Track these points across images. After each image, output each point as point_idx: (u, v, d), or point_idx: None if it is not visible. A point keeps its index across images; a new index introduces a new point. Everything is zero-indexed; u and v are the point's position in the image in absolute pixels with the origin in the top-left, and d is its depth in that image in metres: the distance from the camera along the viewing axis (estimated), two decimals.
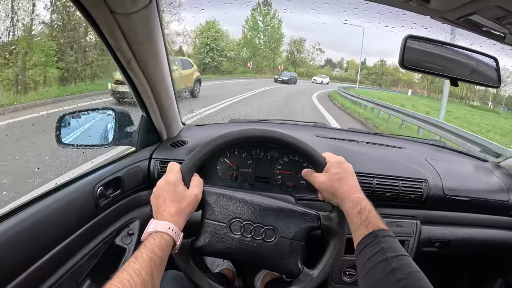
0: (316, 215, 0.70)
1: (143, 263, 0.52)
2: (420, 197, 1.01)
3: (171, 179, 0.65)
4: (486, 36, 0.82)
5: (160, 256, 0.55)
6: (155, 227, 0.59)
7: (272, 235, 0.68)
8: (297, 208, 0.71)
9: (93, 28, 0.66)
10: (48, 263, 0.68)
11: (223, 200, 0.70)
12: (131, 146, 1.03)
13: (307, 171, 0.73)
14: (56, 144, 0.96)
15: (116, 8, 0.62)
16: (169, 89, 0.93)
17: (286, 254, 0.68)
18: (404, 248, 1.02)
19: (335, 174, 0.68)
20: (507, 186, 1.09)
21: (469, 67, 0.87)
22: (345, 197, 0.65)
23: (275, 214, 0.69)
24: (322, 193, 0.70)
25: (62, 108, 3.76)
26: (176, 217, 0.61)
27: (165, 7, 1.78)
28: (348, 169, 0.70)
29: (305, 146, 0.72)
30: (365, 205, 0.63)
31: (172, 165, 0.68)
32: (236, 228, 0.68)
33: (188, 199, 0.64)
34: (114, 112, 1.00)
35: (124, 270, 0.51)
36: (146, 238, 0.58)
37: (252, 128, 0.72)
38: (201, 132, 1.15)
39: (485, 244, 1.10)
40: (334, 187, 0.67)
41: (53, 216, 0.71)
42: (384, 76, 39.88)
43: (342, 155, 1.03)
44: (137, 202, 0.98)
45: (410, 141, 1.32)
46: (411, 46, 0.76)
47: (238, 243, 0.67)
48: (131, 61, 0.75)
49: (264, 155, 1.05)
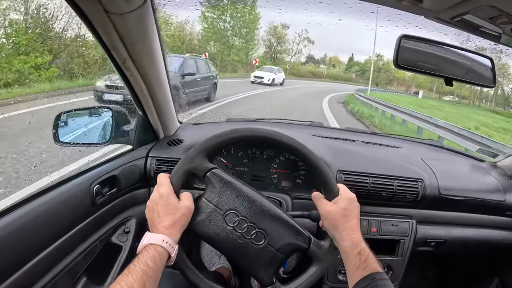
0: (309, 238, 0.70)
1: (136, 275, 0.53)
2: (415, 196, 1.01)
3: (163, 192, 0.65)
4: (482, 36, 0.82)
5: (153, 269, 0.56)
6: (149, 240, 0.60)
7: (261, 239, 0.67)
8: (295, 224, 0.70)
9: (87, 27, 0.66)
10: (43, 260, 0.69)
11: (228, 188, 0.69)
12: (128, 144, 1.04)
13: (318, 194, 0.73)
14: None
15: (110, 8, 0.63)
16: (165, 88, 0.93)
17: (266, 263, 0.68)
18: (399, 247, 1.03)
19: (343, 209, 0.67)
20: (503, 186, 1.09)
21: (464, 67, 0.87)
22: (345, 235, 0.65)
23: (272, 220, 0.69)
24: (324, 221, 0.69)
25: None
26: (171, 229, 0.62)
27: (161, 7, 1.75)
28: (356, 208, 0.70)
29: (324, 169, 0.71)
30: (364, 247, 0.64)
31: (161, 178, 0.68)
32: (231, 220, 0.67)
33: (181, 210, 0.64)
34: (111, 110, 1.00)
35: (117, 283, 0.52)
36: (140, 251, 0.59)
37: (283, 135, 0.72)
38: (198, 131, 1.15)
39: (481, 244, 1.11)
40: (338, 221, 0.66)
41: (49, 214, 0.72)
42: (381, 74, 36.82)
43: (339, 155, 1.04)
44: (134, 201, 0.99)
45: (406, 141, 1.32)
46: (405, 46, 0.76)
47: (227, 234, 0.67)
48: (126, 60, 0.76)
49: (260, 154, 1.05)
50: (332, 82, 31.26)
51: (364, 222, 1.00)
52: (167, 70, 0.91)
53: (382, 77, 36.78)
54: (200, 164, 0.70)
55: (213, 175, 0.70)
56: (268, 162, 1.05)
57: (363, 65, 38.88)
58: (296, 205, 0.99)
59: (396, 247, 1.04)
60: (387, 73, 36.52)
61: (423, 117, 7.12)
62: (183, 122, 1.17)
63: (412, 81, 36.46)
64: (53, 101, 4.07)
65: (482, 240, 1.10)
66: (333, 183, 0.71)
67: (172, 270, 0.85)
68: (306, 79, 29.20)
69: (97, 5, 0.61)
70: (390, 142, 1.24)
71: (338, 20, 4.81)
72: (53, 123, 0.96)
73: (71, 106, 1.00)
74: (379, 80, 35.82)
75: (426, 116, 7.11)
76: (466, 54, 0.86)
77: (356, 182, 0.98)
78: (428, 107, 15.90)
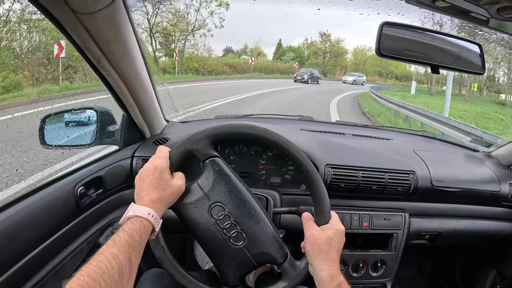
0: (286, 255, 0.69)
1: (121, 247, 0.52)
2: (407, 189, 0.99)
3: (158, 165, 0.64)
4: (469, 20, 0.79)
5: (138, 241, 0.55)
6: (134, 212, 0.58)
7: (239, 240, 0.66)
8: (279, 237, 0.69)
9: (57, 27, 0.65)
10: (29, 264, 0.69)
11: (224, 180, 0.68)
12: (114, 145, 1.04)
13: (308, 216, 0.71)
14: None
15: (77, 8, 0.61)
16: (147, 86, 0.92)
17: (237, 264, 0.67)
18: (392, 241, 1.02)
19: (329, 238, 0.65)
20: (498, 176, 1.06)
21: (453, 54, 0.84)
22: (325, 264, 0.63)
23: (256, 226, 0.67)
24: (306, 244, 0.67)
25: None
26: (158, 204, 0.61)
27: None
28: (341, 242, 0.67)
29: (323, 193, 0.69)
30: (343, 280, 0.62)
31: (162, 150, 0.67)
32: (216, 213, 0.66)
33: (172, 188, 0.63)
34: (96, 111, 1.00)
35: (101, 254, 0.50)
36: (124, 222, 0.57)
37: (289, 141, 0.70)
38: (185, 128, 1.14)
39: (477, 235, 1.08)
40: (321, 248, 0.64)
41: (32, 218, 0.72)
42: (332, 59, 27.95)
43: (328, 149, 1.02)
44: (121, 201, 0.98)
45: (399, 133, 1.29)
46: (387, 34, 0.74)
47: (208, 226, 0.66)
48: (101, 59, 0.74)
49: (247, 150, 1.04)
50: (261, 78, 20.48)
51: (355, 217, 0.98)
52: (148, 67, 0.90)
53: (330, 64, 28.27)
54: (203, 148, 0.69)
55: (213, 163, 0.69)
56: (255, 158, 1.03)
57: (298, 50, 29.24)
58: (285, 200, 0.97)
59: (389, 241, 1.02)
60: (338, 58, 28.43)
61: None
62: (170, 120, 1.16)
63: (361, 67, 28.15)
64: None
65: (478, 231, 1.08)
66: (328, 209, 0.69)
67: (158, 269, 0.85)
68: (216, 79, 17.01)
69: (63, 6, 0.60)
70: (382, 134, 1.21)
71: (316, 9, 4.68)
72: (39, 126, 0.96)
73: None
74: (327, 69, 27.91)
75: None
76: (454, 41, 0.83)
77: (345, 176, 0.96)
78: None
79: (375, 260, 1.02)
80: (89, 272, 0.47)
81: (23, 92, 4.88)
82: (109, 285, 0.47)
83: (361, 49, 29.44)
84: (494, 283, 1.22)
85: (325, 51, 28.66)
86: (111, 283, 0.48)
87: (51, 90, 5.52)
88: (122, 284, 0.50)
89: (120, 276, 0.50)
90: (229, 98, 8.93)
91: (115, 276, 0.49)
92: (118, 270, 0.49)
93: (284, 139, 0.71)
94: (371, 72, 28.00)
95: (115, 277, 0.49)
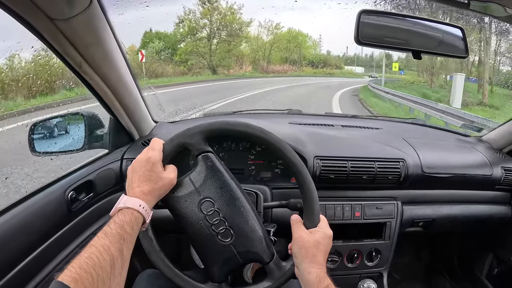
0: (272, 254, 0.69)
1: (112, 238, 0.52)
2: (398, 177, 0.99)
3: (151, 157, 0.63)
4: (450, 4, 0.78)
5: (129, 233, 0.55)
6: (125, 203, 0.58)
7: (227, 237, 0.66)
8: (266, 236, 0.69)
9: (34, 35, 0.65)
10: (22, 271, 0.69)
11: (215, 176, 0.68)
12: (104, 148, 1.04)
13: (297, 218, 0.70)
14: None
15: (53, 15, 0.61)
16: (131, 88, 0.92)
17: (223, 260, 0.67)
18: (386, 230, 1.02)
19: (316, 242, 0.65)
20: (490, 160, 1.06)
21: (436, 39, 0.84)
22: (312, 267, 0.63)
23: (245, 224, 0.67)
24: (294, 246, 0.67)
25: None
26: (149, 196, 0.61)
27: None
28: (328, 246, 0.67)
29: (314, 196, 0.69)
30: (330, 283, 0.62)
31: (155, 142, 0.67)
32: (205, 208, 0.66)
33: (163, 181, 0.63)
34: (83, 116, 1.00)
35: (93, 246, 0.50)
36: (115, 214, 0.57)
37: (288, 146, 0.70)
38: (173, 128, 1.14)
39: (471, 220, 1.08)
40: (308, 251, 0.64)
41: (24, 225, 0.72)
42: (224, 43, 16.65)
43: (316, 141, 1.02)
44: (112, 204, 0.97)
45: (388, 121, 1.29)
46: (366, 21, 0.73)
47: (197, 220, 0.66)
48: (82, 64, 0.74)
49: (236, 146, 1.04)
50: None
51: (347, 207, 0.99)
52: (131, 69, 0.90)
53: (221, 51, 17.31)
54: (197, 142, 0.69)
55: (206, 159, 0.68)
56: (244, 154, 1.04)
57: (171, 37, 17.52)
58: (276, 194, 0.98)
59: (383, 230, 1.02)
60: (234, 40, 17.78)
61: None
62: (159, 121, 1.16)
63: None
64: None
65: (472, 216, 1.08)
66: (317, 213, 0.69)
67: (153, 270, 0.85)
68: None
69: (39, 13, 0.60)
70: (371, 124, 1.21)
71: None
72: (28, 133, 0.96)
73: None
74: (217, 60, 17.09)
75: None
76: (435, 26, 0.82)
77: (334, 167, 0.96)
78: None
79: (370, 250, 1.02)
80: (80, 264, 0.47)
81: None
82: (101, 276, 0.47)
83: (266, 26, 19.01)
84: (491, 267, 1.22)
85: (211, 28, 15.74)
86: (103, 274, 0.48)
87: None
88: (114, 275, 0.50)
89: (112, 267, 0.50)
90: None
91: (107, 268, 0.49)
92: (110, 262, 0.49)
93: (279, 139, 0.70)
94: (277, 59, 19.08)
95: (107, 268, 0.49)
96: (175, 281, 0.67)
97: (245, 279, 1.01)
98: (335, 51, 23.15)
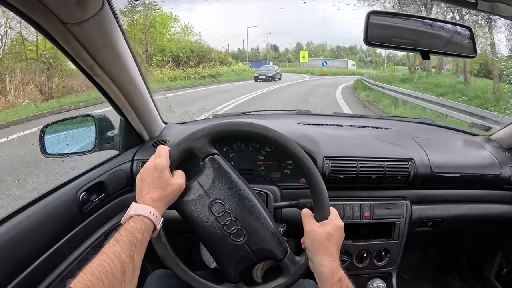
0: (286, 250, 0.69)
1: (123, 245, 0.53)
2: (407, 177, 0.99)
3: (158, 164, 0.64)
4: (458, 4, 0.78)
5: (140, 240, 0.56)
6: (135, 211, 0.59)
7: (240, 236, 0.67)
8: (278, 233, 0.70)
9: (47, 38, 0.66)
10: (34, 272, 0.70)
11: (223, 178, 0.68)
12: (114, 150, 1.05)
13: (307, 212, 0.71)
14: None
15: (66, 19, 0.62)
16: (142, 90, 0.93)
17: (237, 260, 0.67)
18: (395, 230, 1.02)
19: (328, 234, 0.65)
20: (499, 159, 1.05)
21: (444, 38, 0.84)
22: (325, 259, 0.63)
23: (256, 222, 0.68)
24: (306, 239, 0.68)
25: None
26: (158, 203, 0.62)
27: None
28: (340, 237, 0.68)
29: (322, 188, 0.69)
30: (344, 275, 0.62)
31: (161, 149, 0.68)
32: (216, 209, 0.67)
33: (172, 187, 0.64)
34: (94, 118, 1.01)
35: (104, 253, 0.51)
36: (126, 221, 0.58)
37: (297, 146, 0.70)
38: (183, 129, 1.15)
39: (480, 220, 1.08)
40: (320, 243, 0.65)
41: (36, 226, 0.73)
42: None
43: (325, 141, 1.02)
44: (123, 205, 1.00)
45: (396, 121, 1.29)
46: (375, 22, 0.74)
47: (209, 222, 0.66)
48: (93, 67, 0.75)
49: (245, 147, 1.05)
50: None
51: (357, 207, 0.99)
52: (141, 71, 0.91)
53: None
54: (203, 146, 0.69)
55: (213, 161, 0.69)
56: (254, 154, 1.04)
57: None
58: (285, 194, 0.98)
59: (392, 230, 1.02)
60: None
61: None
62: (169, 122, 1.18)
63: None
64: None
65: (481, 216, 1.07)
66: (327, 205, 0.69)
67: (164, 270, 0.86)
68: None
69: (51, 17, 0.61)
70: (380, 123, 1.21)
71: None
72: (39, 135, 0.98)
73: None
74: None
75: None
76: (444, 26, 0.82)
77: (343, 167, 0.96)
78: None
79: (379, 250, 1.02)
80: (92, 271, 0.48)
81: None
82: (112, 283, 0.48)
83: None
84: (500, 267, 1.22)
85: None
86: (114, 281, 0.49)
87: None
88: (125, 282, 0.51)
89: (123, 274, 0.51)
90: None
91: (118, 274, 0.50)
92: (121, 268, 0.50)
93: (282, 135, 0.71)
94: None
95: (118, 275, 0.50)
96: (193, 284, 0.68)
97: (254, 280, 1.02)
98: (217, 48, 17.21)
